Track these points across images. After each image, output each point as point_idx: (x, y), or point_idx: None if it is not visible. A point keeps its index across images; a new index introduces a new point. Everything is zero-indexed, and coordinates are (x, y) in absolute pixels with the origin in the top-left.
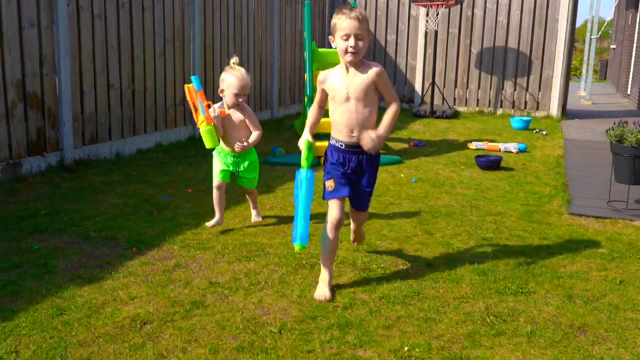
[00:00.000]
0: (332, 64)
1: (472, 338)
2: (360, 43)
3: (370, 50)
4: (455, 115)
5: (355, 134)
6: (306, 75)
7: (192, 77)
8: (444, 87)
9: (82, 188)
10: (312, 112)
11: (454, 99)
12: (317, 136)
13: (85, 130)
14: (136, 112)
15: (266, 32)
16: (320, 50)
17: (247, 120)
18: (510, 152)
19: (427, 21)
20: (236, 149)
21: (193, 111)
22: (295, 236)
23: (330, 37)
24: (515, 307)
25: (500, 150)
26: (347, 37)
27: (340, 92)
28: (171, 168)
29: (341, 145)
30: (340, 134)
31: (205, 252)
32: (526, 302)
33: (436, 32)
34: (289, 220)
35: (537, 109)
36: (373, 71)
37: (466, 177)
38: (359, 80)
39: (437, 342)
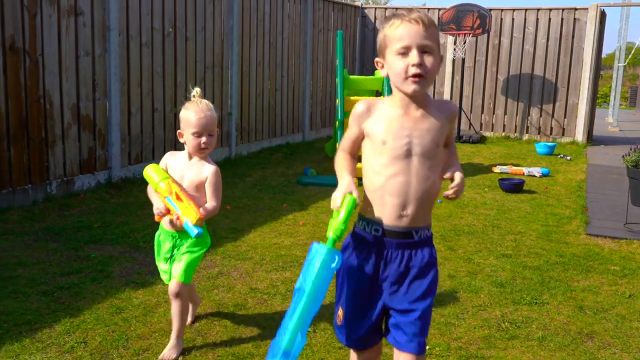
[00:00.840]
0: (364, 91)
1: (488, 341)
2: (430, 60)
3: None
4: (482, 140)
5: (409, 212)
6: (337, 101)
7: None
8: (470, 112)
9: (129, 203)
10: (343, 158)
11: (481, 124)
12: None
13: (131, 150)
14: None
15: (299, 59)
16: (352, 77)
17: (206, 184)
18: (534, 176)
19: (454, 49)
20: (164, 225)
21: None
22: (274, 351)
23: (376, 60)
24: (529, 315)
25: (524, 174)
26: (407, 50)
27: (396, 143)
28: None
29: (377, 232)
30: (381, 212)
31: (245, 262)
32: (539, 311)
33: (463, 59)
34: (321, 234)
35: (563, 134)
36: (450, 111)
37: (489, 199)
38: (429, 125)
39: (455, 343)
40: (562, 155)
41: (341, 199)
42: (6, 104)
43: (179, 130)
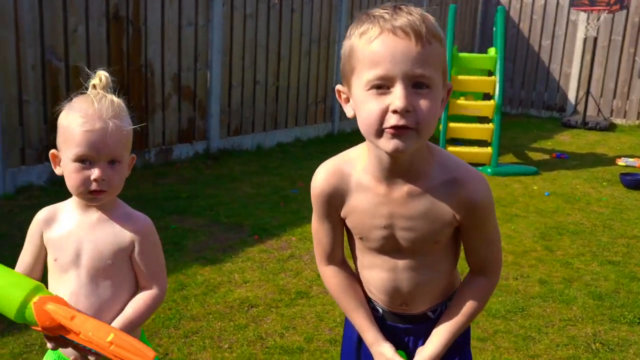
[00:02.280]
0: (474, 69)
1: None
2: (426, 102)
3: (521, 56)
4: (610, 127)
5: (408, 305)
6: None
7: None
8: (600, 97)
9: (222, 175)
10: (337, 284)
11: (611, 110)
12: (452, 141)
13: (230, 122)
14: (279, 107)
15: None
16: (461, 55)
17: (135, 255)
18: None
19: (586, 27)
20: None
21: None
22: None
23: (337, 89)
24: (628, 337)
25: None
26: (386, 83)
27: (370, 234)
28: (305, 162)
29: (377, 312)
30: (376, 296)
31: None
32: None
33: (595, 38)
34: None
35: None
36: (467, 196)
37: (606, 195)
38: (423, 209)
39: None
40: None
41: None
42: (108, 71)
43: (52, 151)
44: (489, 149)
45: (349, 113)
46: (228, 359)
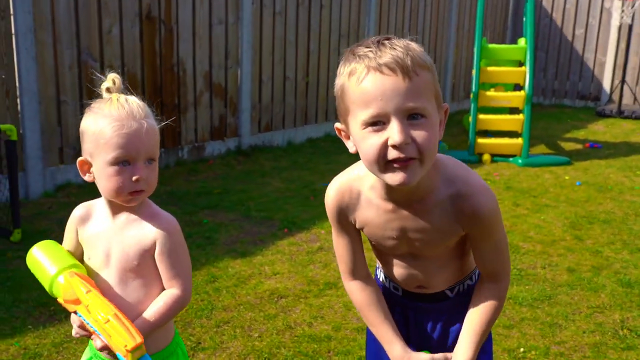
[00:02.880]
0: (503, 60)
1: (597, 349)
2: (422, 133)
3: (554, 46)
4: None
5: (427, 287)
6: (473, 71)
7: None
8: (636, 85)
9: (253, 171)
10: (362, 299)
11: None
12: (483, 133)
13: (261, 119)
14: (309, 102)
15: (443, 26)
16: (490, 46)
17: (156, 254)
18: None
19: (621, 14)
20: (95, 345)
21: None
22: None
23: (337, 127)
24: None
25: None
26: (381, 120)
27: (385, 243)
28: (335, 157)
29: (396, 290)
30: (395, 279)
31: None
32: None
33: (630, 25)
34: None
35: None
36: (471, 213)
37: (639, 184)
38: (429, 224)
39: (557, 347)
40: None
41: None
42: (142, 70)
43: (80, 159)
44: (519, 140)
45: (351, 149)
46: (258, 347)
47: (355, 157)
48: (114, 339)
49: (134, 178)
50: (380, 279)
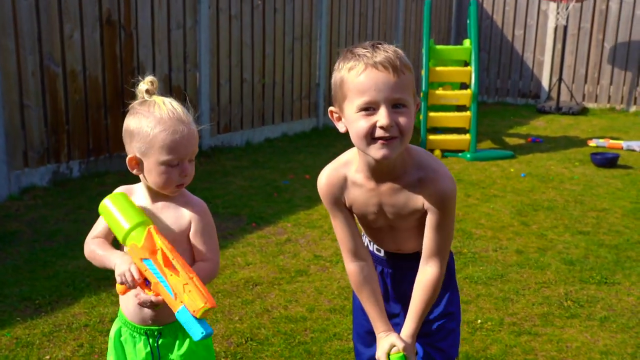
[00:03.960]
0: (450, 60)
1: (545, 318)
2: (404, 119)
3: (496, 46)
4: (583, 112)
5: (403, 250)
6: (422, 71)
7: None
8: (572, 83)
9: (215, 171)
10: (359, 283)
11: (583, 95)
12: (432, 130)
13: (220, 120)
14: (265, 104)
15: (390, 29)
16: (438, 47)
17: (192, 234)
18: (634, 150)
19: (557, 16)
20: (127, 310)
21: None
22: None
23: (331, 110)
24: (596, 295)
25: (622, 148)
26: (373, 106)
27: (369, 216)
28: (293, 156)
29: (379, 252)
30: (378, 243)
31: (314, 230)
32: (608, 291)
33: (565, 27)
34: None
35: None
36: (435, 194)
37: (578, 174)
38: (404, 200)
39: (510, 318)
40: None
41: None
42: (103, 75)
43: (130, 156)
44: (467, 136)
45: (341, 129)
46: (239, 328)
47: (326, 155)
48: (192, 296)
49: (180, 175)
50: (365, 243)
